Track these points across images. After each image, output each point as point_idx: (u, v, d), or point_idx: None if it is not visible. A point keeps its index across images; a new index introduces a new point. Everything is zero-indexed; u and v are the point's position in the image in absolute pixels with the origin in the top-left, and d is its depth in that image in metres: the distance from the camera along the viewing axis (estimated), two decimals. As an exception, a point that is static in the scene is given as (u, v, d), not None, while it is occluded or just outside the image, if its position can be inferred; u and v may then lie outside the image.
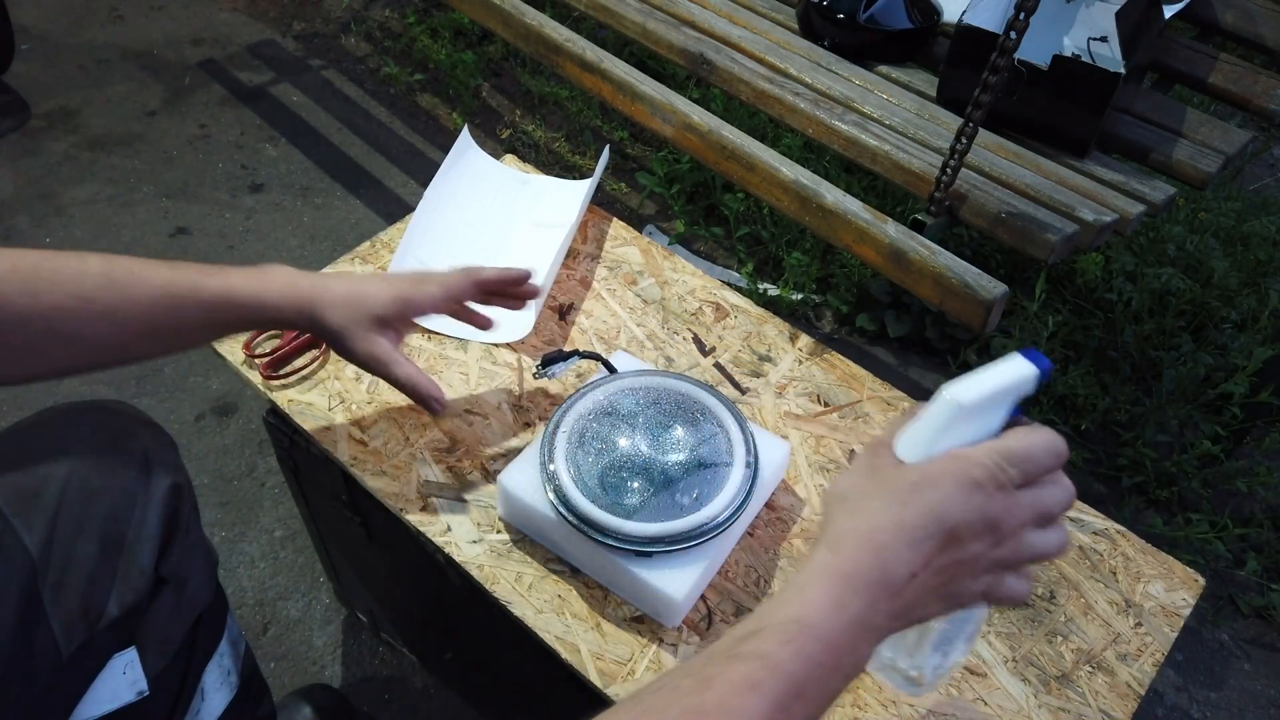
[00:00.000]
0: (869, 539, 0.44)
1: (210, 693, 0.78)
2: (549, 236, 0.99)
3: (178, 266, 0.66)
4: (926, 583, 0.44)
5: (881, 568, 0.44)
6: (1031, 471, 0.45)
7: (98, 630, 0.63)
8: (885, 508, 0.45)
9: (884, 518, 0.45)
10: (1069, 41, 1.13)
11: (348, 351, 0.72)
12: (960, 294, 0.94)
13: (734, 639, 0.43)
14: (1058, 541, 0.47)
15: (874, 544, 0.44)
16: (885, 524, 0.45)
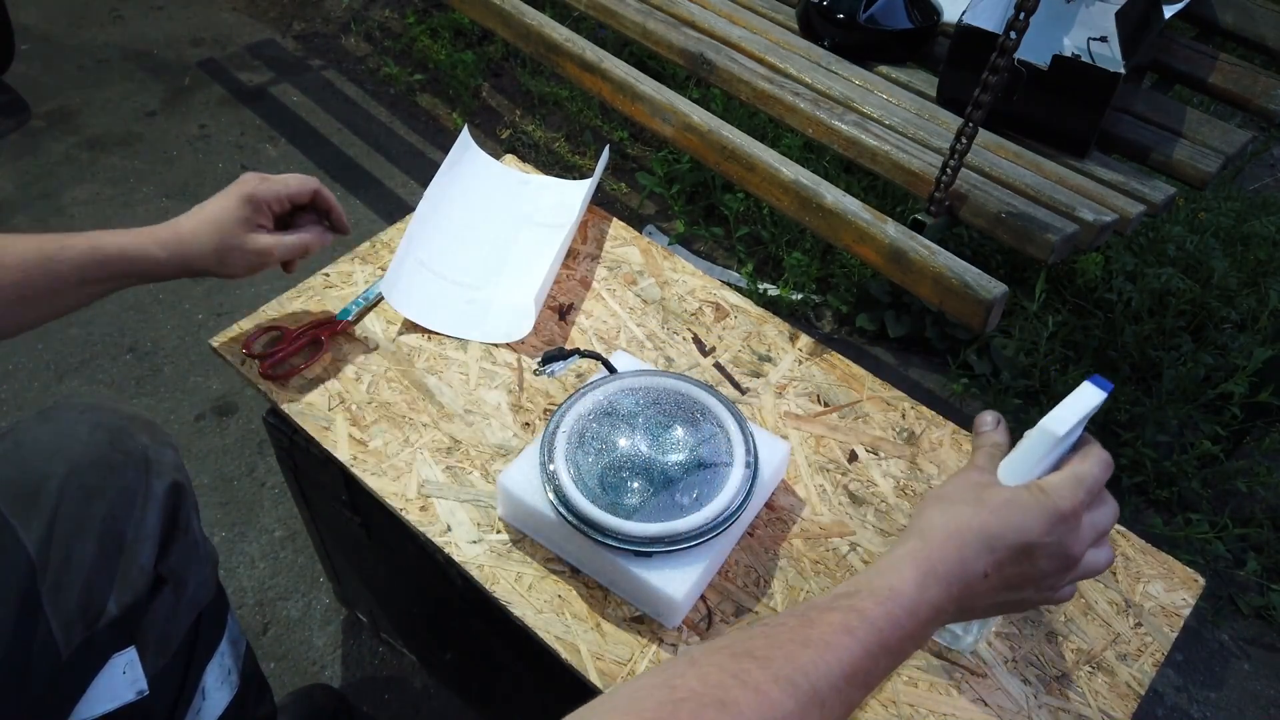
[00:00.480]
0: (956, 535, 0.51)
1: (211, 692, 0.78)
2: (549, 236, 0.98)
3: (44, 235, 0.71)
4: (995, 585, 0.52)
5: (962, 562, 0.51)
6: (1096, 493, 0.54)
7: (97, 630, 0.63)
8: (975, 514, 0.52)
9: (972, 521, 0.52)
10: (1069, 41, 1.13)
11: (234, 266, 0.78)
12: (960, 294, 0.94)
13: (834, 595, 0.49)
14: (1107, 558, 0.56)
15: (959, 540, 0.51)
16: (972, 526, 0.52)
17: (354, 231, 1.83)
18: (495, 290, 0.94)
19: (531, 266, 0.95)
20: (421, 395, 0.84)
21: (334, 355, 0.86)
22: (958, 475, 0.57)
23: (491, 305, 0.92)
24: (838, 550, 0.75)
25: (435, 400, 0.83)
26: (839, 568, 0.74)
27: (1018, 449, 0.57)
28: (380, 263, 0.96)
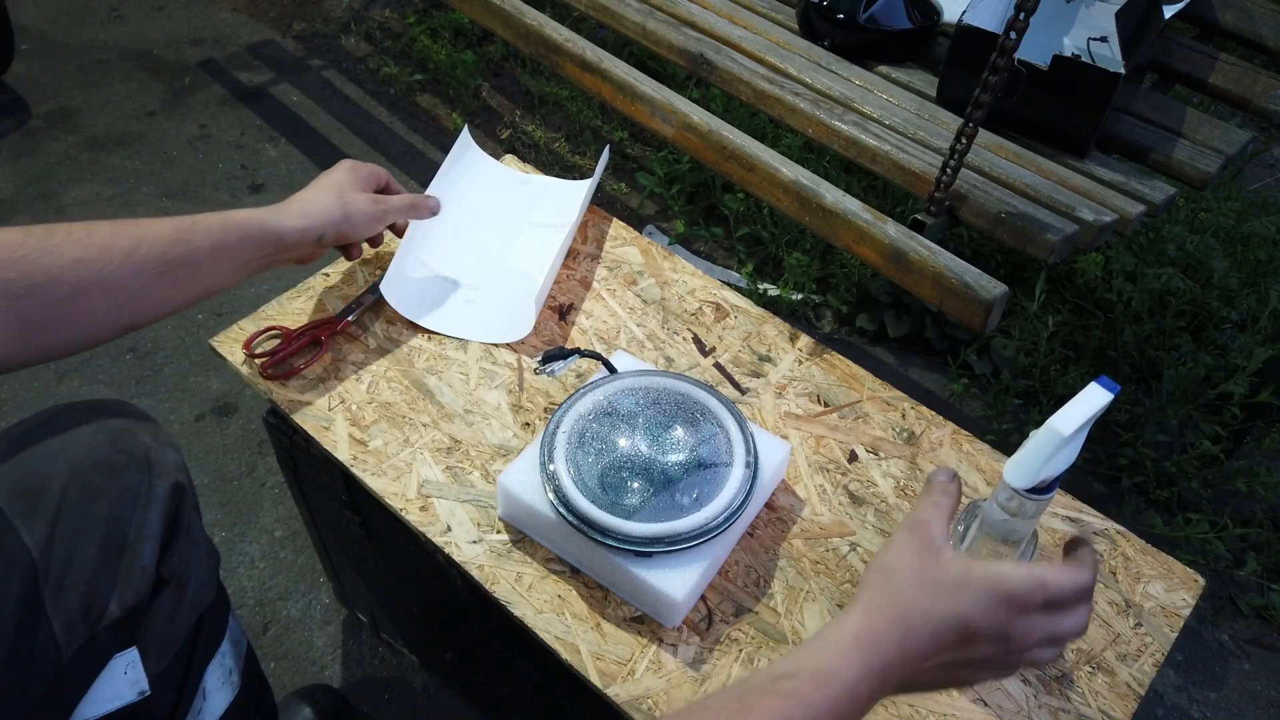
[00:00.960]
0: (901, 620, 0.50)
1: (212, 692, 0.78)
2: (549, 236, 0.98)
3: (178, 217, 0.73)
4: (936, 667, 0.51)
5: (905, 646, 0.50)
6: (1057, 604, 0.52)
7: (99, 630, 0.63)
8: (920, 597, 0.51)
9: (918, 606, 0.51)
10: (1069, 42, 1.13)
11: (358, 220, 0.83)
12: (960, 294, 0.94)
13: (772, 676, 0.49)
14: (1052, 657, 0.54)
15: (904, 625, 0.50)
16: (917, 611, 0.51)
17: (354, 231, 1.84)
18: (495, 290, 0.93)
19: (531, 266, 0.95)
20: (421, 395, 0.84)
21: (334, 355, 0.86)
22: (904, 540, 0.54)
23: (491, 305, 0.92)
24: (838, 550, 0.75)
25: (435, 400, 0.83)
26: (839, 568, 0.74)
27: (1025, 447, 0.57)
28: (380, 263, 0.96)
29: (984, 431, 1.53)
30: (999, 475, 0.65)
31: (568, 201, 1.03)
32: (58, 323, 0.64)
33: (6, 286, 0.61)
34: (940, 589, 0.51)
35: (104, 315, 0.67)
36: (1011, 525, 0.60)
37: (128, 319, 0.69)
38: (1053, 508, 0.80)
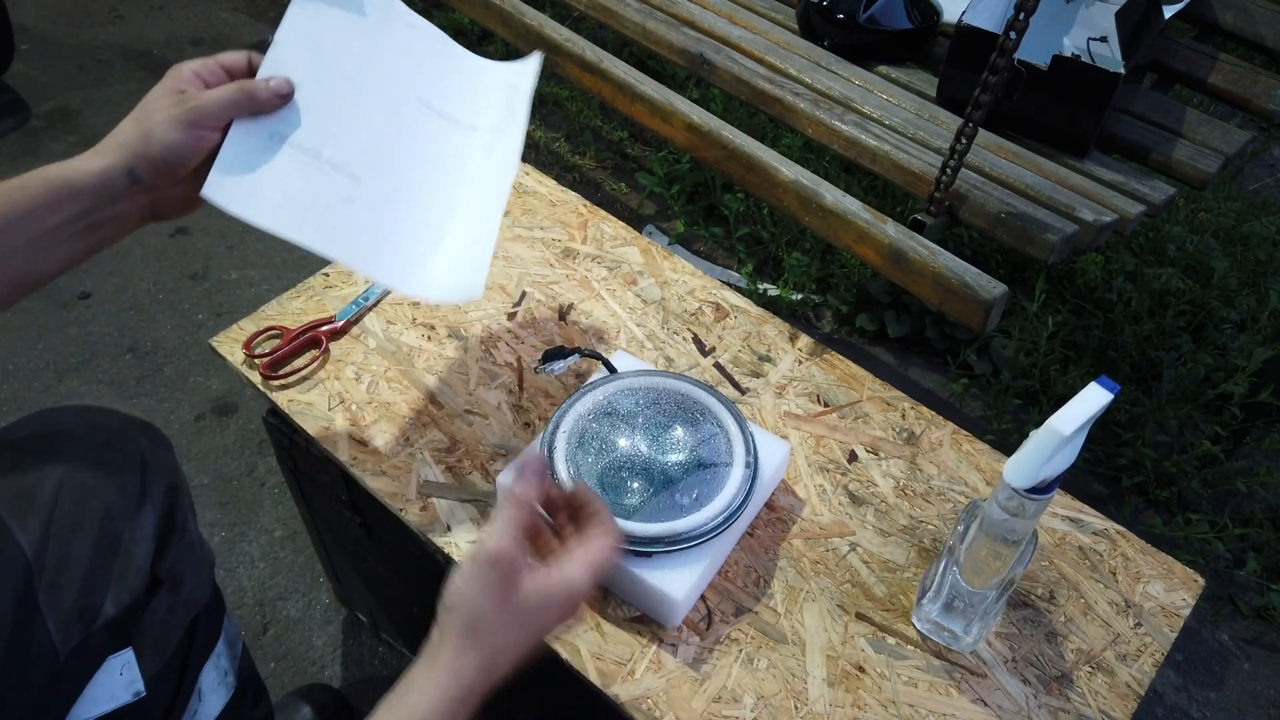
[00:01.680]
0: (490, 665, 0.51)
1: (207, 693, 0.78)
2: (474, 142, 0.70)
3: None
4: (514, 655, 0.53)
5: (490, 680, 0.52)
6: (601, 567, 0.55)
7: (94, 630, 0.63)
8: (506, 634, 0.51)
9: (505, 643, 0.52)
10: (1069, 42, 1.13)
11: (161, 135, 0.60)
12: (960, 294, 0.94)
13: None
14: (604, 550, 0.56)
15: (491, 667, 0.51)
16: (503, 648, 0.52)
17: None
18: (390, 198, 0.65)
19: (458, 188, 0.67)
20: (421, 395, 0.84)
21: (334, 355, 0.86)
22: (483, 578, 0.51)
23: (393, 226, 0.65)
24: (837, 550, 0.75)
25: (435, 400, 0.83)
26: (839, 568, 0.74)
27: (1025, 447, 0.57)
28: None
29: (984, 431, 1.53)
30: (999, 475, 0.65)
31: (492, 98, 0.73)
32: None
33: None
34: (524, 619, 0.52)
35: None
36: (1011, 525, 0.60)
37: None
38: (1053, 508, 0.80)
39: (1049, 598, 0.74)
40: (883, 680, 0.67)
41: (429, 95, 0.70)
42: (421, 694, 0.50)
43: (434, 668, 0.50)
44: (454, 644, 0.51)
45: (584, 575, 0.54)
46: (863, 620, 0.71)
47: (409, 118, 0.68)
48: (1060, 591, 0.74)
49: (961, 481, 0.81)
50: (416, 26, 0.71)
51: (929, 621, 0.69)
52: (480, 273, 0.65)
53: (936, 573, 0.67)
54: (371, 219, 0.64)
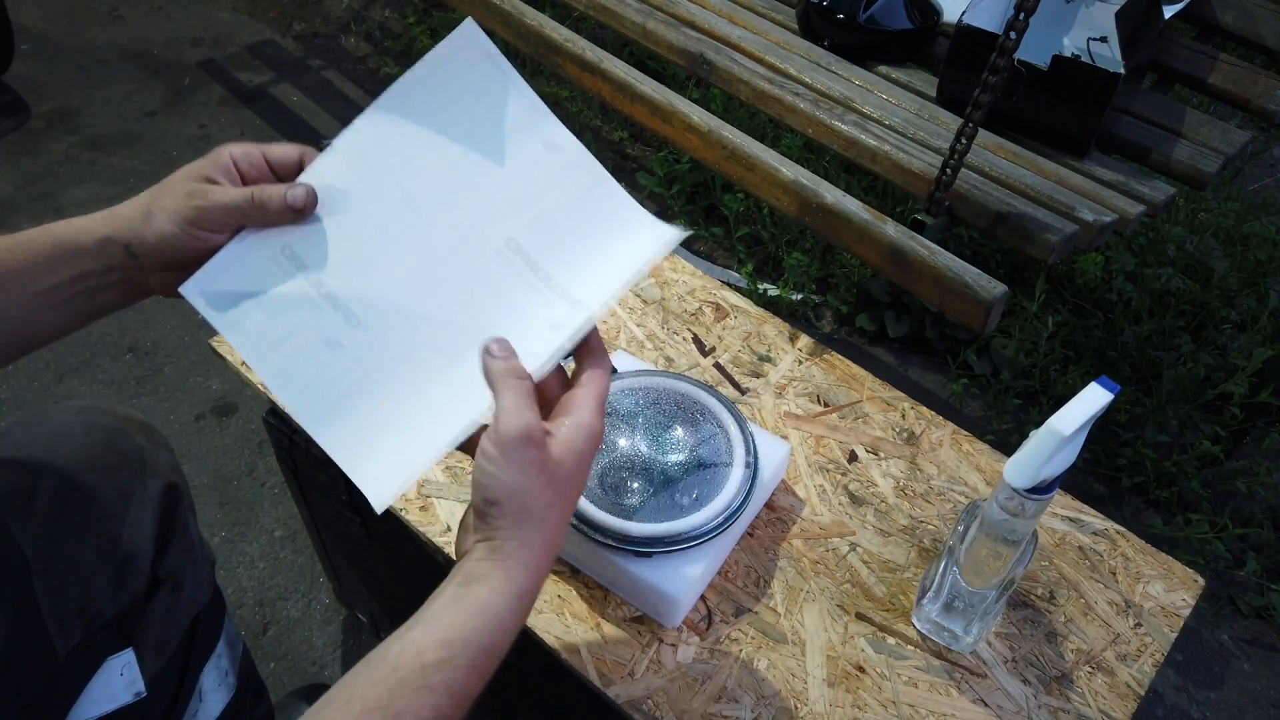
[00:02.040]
0: (552, 542, 0.50)
1: (208, 694, 0.78)
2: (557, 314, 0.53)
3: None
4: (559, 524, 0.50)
5: (555, 553, 0.50)
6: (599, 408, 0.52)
7: (94, 631, 0.63)
8: (561, 512, 0.50)
9: (560, 518, 0.50)
10: (1069, 42, 1.13)
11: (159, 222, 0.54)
12: (960, 294, 0.94)
13: (424, 667, 0.45)
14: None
15: (554, 543, 0.50)
16: (561, 520, 0.50)
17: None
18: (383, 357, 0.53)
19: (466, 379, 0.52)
20: (421, 395, 0.83)
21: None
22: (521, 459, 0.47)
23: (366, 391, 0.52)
24: (838, 550, 0.75)
25: (435, 400, 0.83)
26: (839, 568, 0.74)
27: (1025, 447, 0.57)
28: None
29: (984, 431, 1.53)
30: (999, 475, 0.65)
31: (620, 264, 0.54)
32: None
33: None
34: (565, 482, 0.49)
35: None
36: (1012, 525, 0.60)
37: None
38: (1053, 507, 0.80)
39: (1049, 598, 0.74)
40: (883, 680, 0.67)
41: (526, 237, 0.54)
42: (492, 588, 0.47)
43: (500, 559, 0.48)
44: (513, 534, 0.48)
45: (595, 413, 0.51)
46: (863, 620, 0.71)
47: (475, 263, 0.53)
48: (1060, 592, 0.74)
49: (961, 481, 0.81)
50: (560, 149, 0.54)
51: (929, 621, 0.69)
52: (392, 492, 0.52)
53: (936, 573, 0.67)
54: (347, 374, 0.52)
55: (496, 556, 0.48)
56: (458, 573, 0.48)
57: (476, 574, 0.48)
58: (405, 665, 0.45)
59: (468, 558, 0.49)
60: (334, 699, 0.45)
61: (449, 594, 0.48)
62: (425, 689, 0.45)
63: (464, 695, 0.46)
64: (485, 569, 0.48)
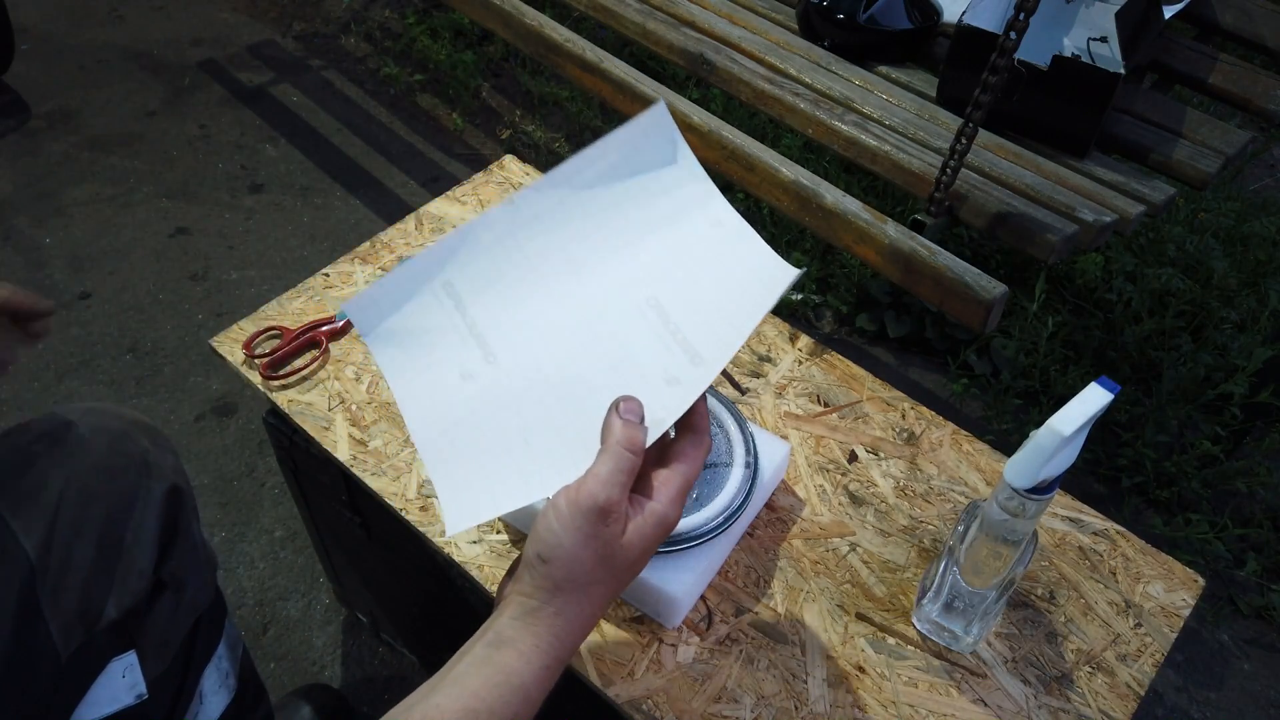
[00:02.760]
0: (591, 617, 0.48)
1: (208, 696, 0.78)
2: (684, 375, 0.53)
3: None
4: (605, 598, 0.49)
5: (590, 629, 0.49)
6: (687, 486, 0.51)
7: (96, 632, 0.63)
8: (607, 591, 0.48)
9: (605, 597, 0.48)
10: (1069, 42, 1.13)
11: None
12: (960, 294, 0.94)
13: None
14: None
15: (591, 623, 0.49)
16: (605, 600, 0.49)
17: (354, 232, 1.84)
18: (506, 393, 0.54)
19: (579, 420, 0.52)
20: (421, 396, 0.84)
21: (334, 355, 0.86)
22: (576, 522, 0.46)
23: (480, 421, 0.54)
24: (838, 551, 0.75)
25: (435, 401, 0.83)
26: (839, 568, 0.74)
27: (1025, 447, 0.57)
28: (381, 263, 0.95)
29: (984, 432, 1.53)
30: (999, 475, 0.65)
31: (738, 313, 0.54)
32: None
33: None
34: (624, 567, 0.48)
35: None
36: (1012, 525, 0.60)
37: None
38: (1053, 508, 0.80)
39: (1049, 598, 0.74)
40: (883, 680, 0.67)
41: (666, 295, 0.55)
42: (520, 654, 0.46)
43: (534, 623, 0.46)
44: (551, 599, 0.47)
45: (676, 503, 0.49)
46: (863, 620, 0.71)
47: (614, 319, 0.55)
48: (1060, 592, 0.74)
49: (961, 482, 0.81)
50: (724, 225, 0.56)
51: (929, 622, 0.69)
52: (467, 522, 0.53)
53: (936, 573, 0.67)
54: (469, 404, 0.54)
55: (530, 619, 0.47)
56: (488, 629, 0.47)
57: (506, 636, 0.46)
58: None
59: (501, 613, 0.48)
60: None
61: (477, 654, 0.46)
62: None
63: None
64: (516, 631, 0.46)
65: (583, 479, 0.47)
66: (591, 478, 0.47)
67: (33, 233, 1.78)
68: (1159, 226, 1.81)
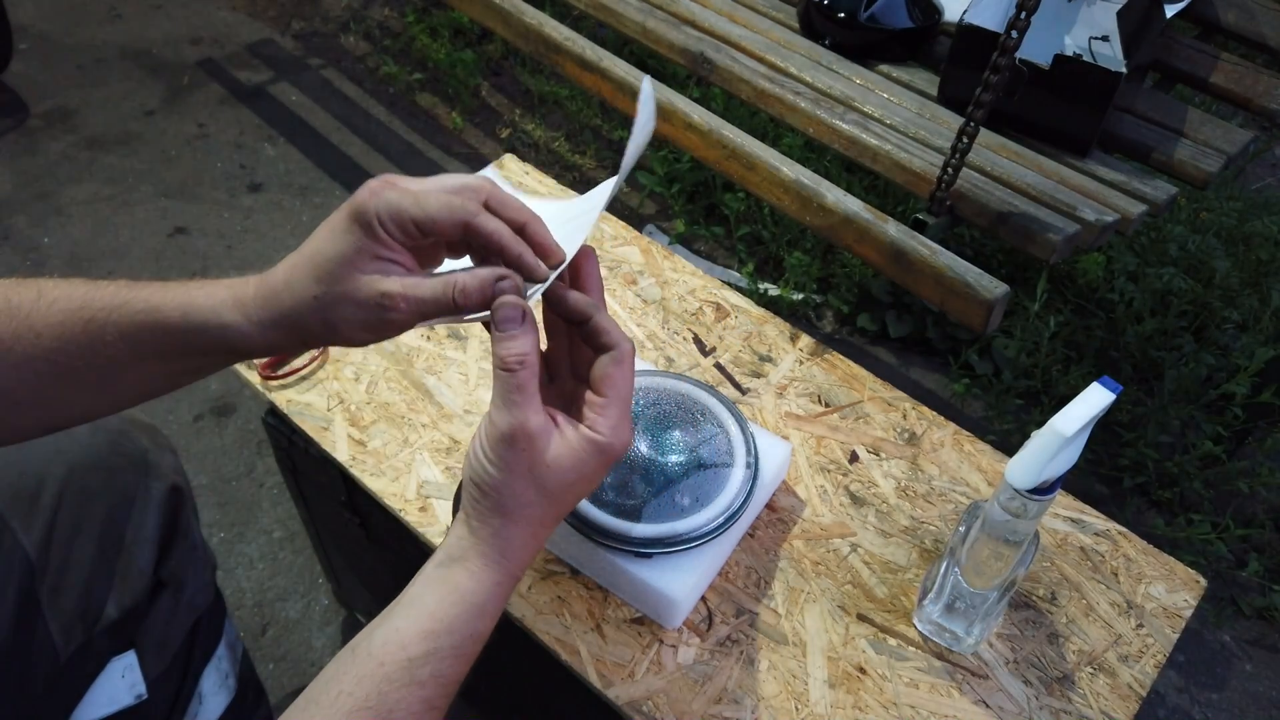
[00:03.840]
0: (534, 539, 0.48)
1: (208, 696, 0.78)
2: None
3: (105, 283, 0.48)
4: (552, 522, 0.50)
5: (536, 551, 0.49)
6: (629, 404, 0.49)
7: (96, 632, 0.63)
8: (544, 512, 0.48)
9: (543, 518, 0.48)
10: (1070, 41, 1.13)
11: (345, 326, 0.47)
12: (961, 294, 0.94)
13: (410, 661, 0.44)
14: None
15: (537, 541, 0.49)
16: (541, 524, 0.48)
17: (353, 231, 1.84)
18: None
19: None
20: (421, 395, 0.83)
21: (333, 355, 0.86)
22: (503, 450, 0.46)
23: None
24: (838, 551, 0.75)
25: (434, 400, 0.83)
26: (840, 568, 0.74)
27: (1026, 448, 0.57)
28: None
29: (985, 432, 1.53)
30: (1000, 476, 0.65)
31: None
32: None
33: None
34: (563, 497, 0.48)
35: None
36: (1013, 525, 0.60)
37: (11, 427, 0.49)
38: (1054, 508, 0.80)
39: (1050, 599, 0.73)
40: (884, 682, 0.67)
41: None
42: (470, 573, 0.46)
43: (479, 542, 0.47)
44: (487, 521, 0.47)
45: (616, 429, 0.47)
46: (864, 621, 0.70)
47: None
48: (1062, 592, 0.74)
49: (963, 482, 0.81)
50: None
51: (930, 623, 0.69)
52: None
53: (938, 574, 0.67)
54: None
55: (474, 538, 0.47)
56: (440, 551, 0.48)
57: (455, 555, 0.47)
58: (391, 660, 0.44)
59: (450, 534, 0.48)
60: (318, 696, 0.43)
61: (429, 574, 0.47)
62: (414, 684, 0.44)
63: (452, 683, 0.46)
64: (464, 550, 0.47)
65: (489, 410, 0.47)
66: (492, 409, 0.46)
67: (31, 232, 1.78)
68: (1161, 226, 1.80)
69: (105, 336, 0.47)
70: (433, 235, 0.47)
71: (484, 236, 0.47)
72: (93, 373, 0.48)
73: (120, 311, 0.47)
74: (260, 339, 0.48)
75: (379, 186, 0.47)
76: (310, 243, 0.48)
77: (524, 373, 0.46)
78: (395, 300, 0.45)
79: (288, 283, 0.47)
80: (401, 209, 0.46)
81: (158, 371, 0.50)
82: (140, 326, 0.47)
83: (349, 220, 0.46)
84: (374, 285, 0.46)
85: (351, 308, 0.46)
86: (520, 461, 0.46)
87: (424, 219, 0.46)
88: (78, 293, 0.47)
